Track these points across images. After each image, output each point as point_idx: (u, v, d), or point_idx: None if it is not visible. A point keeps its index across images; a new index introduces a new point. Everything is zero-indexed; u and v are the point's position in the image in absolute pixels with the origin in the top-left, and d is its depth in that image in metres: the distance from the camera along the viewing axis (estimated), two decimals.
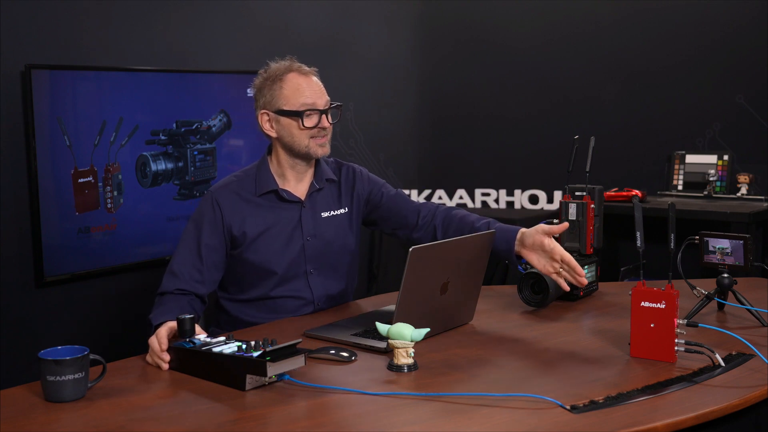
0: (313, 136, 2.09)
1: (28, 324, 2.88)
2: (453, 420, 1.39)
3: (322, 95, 2.11)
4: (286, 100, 2.08)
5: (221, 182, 2.17)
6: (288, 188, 2.16)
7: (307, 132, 2.08)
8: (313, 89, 2.09)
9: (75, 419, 1.41)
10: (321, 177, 2.20)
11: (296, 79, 2.09)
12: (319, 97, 2.10)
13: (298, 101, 2.08)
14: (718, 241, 2.02)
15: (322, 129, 2.10)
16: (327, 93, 2.15)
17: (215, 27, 3.41)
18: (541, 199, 4.10)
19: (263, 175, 2.15)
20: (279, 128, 2.11)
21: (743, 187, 3.63)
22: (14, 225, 2.82)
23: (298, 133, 2.08)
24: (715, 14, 3.83)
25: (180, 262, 2.07)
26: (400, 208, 2.26)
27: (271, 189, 2.13)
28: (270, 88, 2.10)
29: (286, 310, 2.14)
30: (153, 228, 3.16)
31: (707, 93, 3.87)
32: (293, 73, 2.10)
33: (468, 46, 4.32)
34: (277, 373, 1.51)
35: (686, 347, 1.64)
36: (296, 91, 2.08)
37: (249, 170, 2.19)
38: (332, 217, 2.20)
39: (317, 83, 2.12)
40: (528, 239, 2.01)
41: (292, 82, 2.09)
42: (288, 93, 2.08)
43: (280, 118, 2.10)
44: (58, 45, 2.90)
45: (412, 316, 1.70)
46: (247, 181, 2.15)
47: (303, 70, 2.12)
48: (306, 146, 2.09)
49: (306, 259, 2.15)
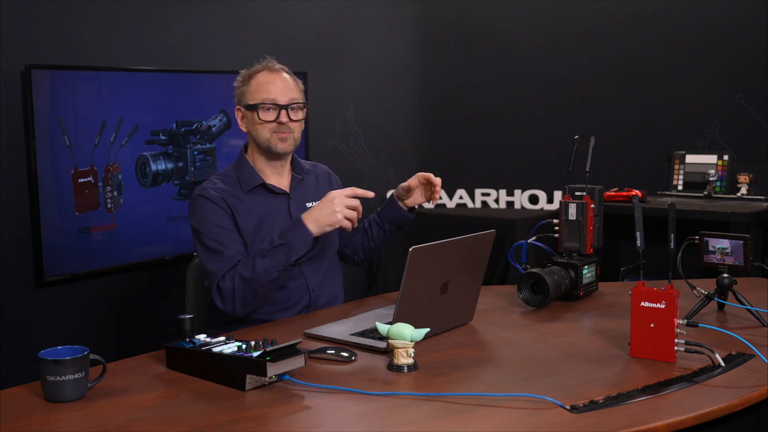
0: (274, 131, 2.16)
1: (28, 324, 2.88)
2: (453, 420, 1.39)
3: (286, 92, 2.17)
4: (251, 95, 2.18)
5: (204, 185, 2.20)
6: (271, 182, 2.22)
7: (267, 126, 2.16)
8: (276, 85, 2.17)
9: (75, 419, 1.41)
10: (299, 169, 2.29)
11: (263, 77, 2.18)
12: (281, 93, 2.16)
13: (259, 96, 2.16)
14: (718, 241, 2.02)
15: (281, 124, 2.15)
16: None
17: (215, 27, 3.42)
18: (541, 199, 4.10)
19: (246, 171, 2.21)
20: (247, 123, 2.21)
21: (743, 187, 3.63)
22: (14, 225, 2.82)
23: (259, 127, 2.17)
24: (715, 14, 3.83)
25: (213, 251, 2.08)
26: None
27: (258, 183, 2.19)
28: (243, 86, 2.21)
29: (283, 301, 2.16)
30: (153, 228, 3.16)
31: (707, 93, 3.87)
32: (264, 71, 2.20)
33: (468, 45, 4.32)
34: (277, 373, 1.51)
35: (686, 347, 1.64)
36: (259, 86, 2.17)
37: (228, 171, 2.25)
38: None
39: (284, 80, 2.19)
40: (398, 192, 2.28)
41: (258, 78, 2.18)
42: (253, 88, 2.18)
43: (247, 113, 2.19)
44: (58, 45, 2.91)
45: (412, 316, 1.70)
46: (230, 180, 2.20)
47: (273, 68, 2.21)
48: (267, 140, 2.17)
49: None
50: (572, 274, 2.18)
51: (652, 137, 3.97)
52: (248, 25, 3.54)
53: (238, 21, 3.50)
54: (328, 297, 2.26)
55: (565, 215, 2.24)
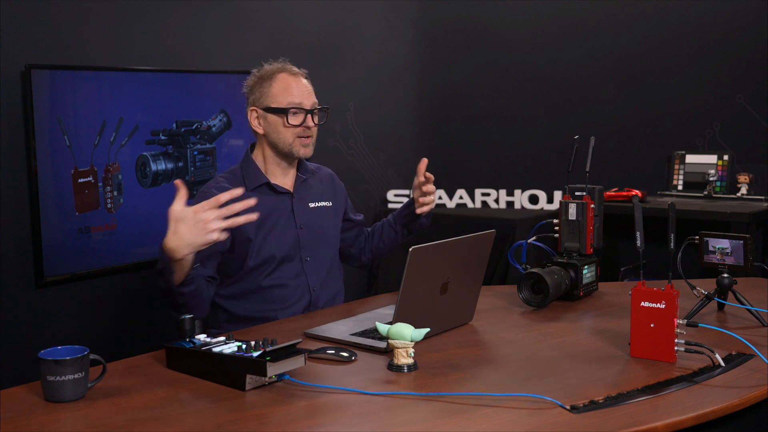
0: (298, 136, 2.17)
1: (28, 324, 2.88)
2: (453, 420, 1.39)
3: (309, 96, 2.19)
4: (274, 98, 2.17)
5: (209, 183, 2.22)
6: (276, 182, 2.23)
7: (292, 130, 2.16)
8: (300, 89, 2.17)
9: (75, 419, 1.41)
10: (304, 169, 2.30)
11: (285, 79, 2.18)
12: (306, 97, 2.17)
13: (285, 99, 2.16)
14: (718, 241, 2.02)
15: (307, 128, 2.17)
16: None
17: (215, 27, 3.41)
18: (541, 199, 4.10)
19: (252, 170, 2.22)
20: (266, 125, 2.19)
21: (743, 187, 3.63)
22: (14, 225, 2.82)
23: (283, 131, 2.16)
24: (715, 14, 3.83)
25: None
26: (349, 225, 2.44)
27: (263, 182, 2.20)
28: (260, 87, 2.19)
29: (283, 301, 2.16)
30: (153, 228, 3.15)
31: (707, 93, 3.87)
32: (284, 73, 2.19)
33: (468, 45, 4.32)
34: (277, 373, 1.51)
35: (686, 347, 1.64)
36: (284, 89, 2.16)
37: (234, 170, 2.26)
38: (319, 208, 2.30)
39: (306, 84, 2.20)
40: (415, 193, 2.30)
41: (281, 81, 2.17)
42: (276, 91, 2.17)
43: (268, 116, 2.18)
44: (58, 45, 2.90)
45: (412, 316, 1.70)
46: (235, 179, 2.21)
47: (293, 71, 2.21)
48: (290, 144, 2.17)
49: (300, 247, 2.22)
50: (572, 274, 2.18)
51: (652, 137, 3.97)
52: (248, 25, 3.54)
53: (238, 21, 3.50)
54: (329, 297, 2.26)
55: (565, 215, 2.24)
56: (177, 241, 1.80)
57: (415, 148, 4.37)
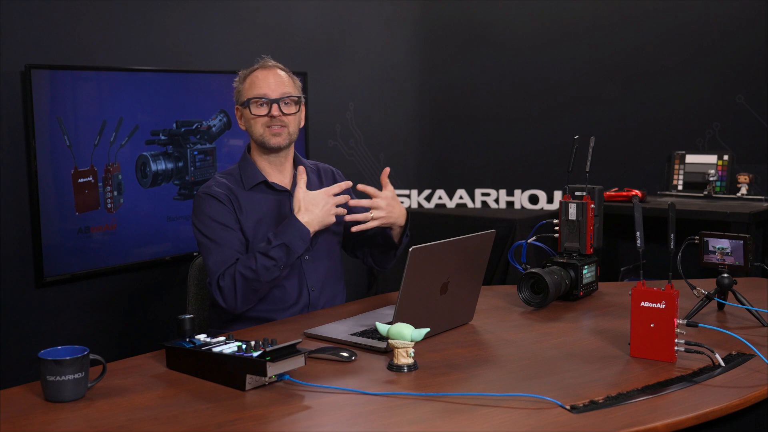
0: (267, 126, 2.17)
1: (28, 324, 2.88)
2: (453, 420, 1.39)
3: (278, 86, 2.19)
4: (245, 93, 2.21)
5: (208, 183, 2.23)
6: (273, 180, 2.23)
7: (260, 120, 2.18)
8: (267, 81, 2.19)
9: (75, 419, 1.41)
10: (300, 165, 2.28)
11: (257, 74, 2.21)
12: (272, 88, 2.18)
13: (251, 92, 2.19)
14: (718, 241, 2.02)
15: (273, 118, 2.17)
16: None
17: (215, 27, 3.42)
18: (541, 199, 4.10)
19: (249, 169, 2.23)
20: (245, 121, 2.23)
21: (743, 187, 3.63)
22: (14, 225, 2.82)
23: (253, 122, 2.19)
24: (715, 14, 3.83)
25: (213, 248, 2.10)
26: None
27: (260, 181, 2.21)
28: (238, 86, 2.24)
29: (282, 301, 2.16)
30: (153, 228, 3.16)
31: (707, 93, 3.87)
32: (258, 69, 2.22)
33: (468, 46, 4.32)
34: (277, 373, 1.51)
35: (686, 347, 1.64)
36: (252, 83, 2.20)
37: (232, 170, 2.27)
38: None
39: (277, 75, 2.21)
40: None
41: (252, 76, 2.21)
42: (246, 87, 2.21)
43: (243, 111, 2.22)
44: (58, 45, 2.91)
45: (412, 316, 1.70)
46: (233, 178, 2.22)
47: (267, 65, 2.23)
48: (261, 134, 2.19)
49: None
50: (572, 274, 2.18)
51: (652, 137, 3.97)
52: (248, 25, 3.54)
53: (238, 21, 3.50)
54: (328, 297, 2.26)
55: (565, 215, 2.24)
56: (310, 217, 2.06)
57: (415, 148, 4.37)
